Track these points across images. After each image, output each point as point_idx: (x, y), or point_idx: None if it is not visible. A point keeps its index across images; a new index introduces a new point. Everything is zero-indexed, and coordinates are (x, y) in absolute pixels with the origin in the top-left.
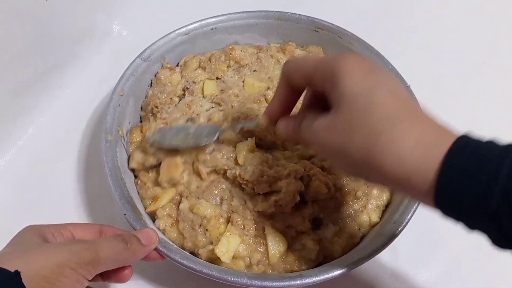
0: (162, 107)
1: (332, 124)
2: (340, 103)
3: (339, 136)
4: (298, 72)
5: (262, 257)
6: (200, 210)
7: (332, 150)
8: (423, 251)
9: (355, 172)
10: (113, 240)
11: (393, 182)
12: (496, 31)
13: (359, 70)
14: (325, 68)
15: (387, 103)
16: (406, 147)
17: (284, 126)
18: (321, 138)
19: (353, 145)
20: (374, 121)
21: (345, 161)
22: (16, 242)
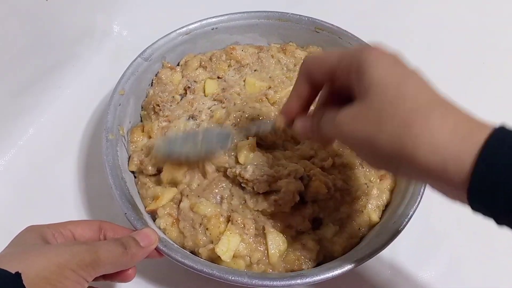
0: (164, 105)
1: (359, 114)
2: (368, 93)
3: (368, 126)
4: (321, 67)
5: (262, 256)
6: (201, 209)
7: (359, 141)
8: (423, 251)
9: (383, 164)
10: (112, 244)
11: (426, 173)
12: (496, 31)
13: (386, 60)
14: (350, 60)
15: (418, 92)
16: (441, 136)
17: (302, 125)
18: (347, 129)
19: (383, 135)
20: (406, 110)
21: (373, 152)
22: (16, 243)
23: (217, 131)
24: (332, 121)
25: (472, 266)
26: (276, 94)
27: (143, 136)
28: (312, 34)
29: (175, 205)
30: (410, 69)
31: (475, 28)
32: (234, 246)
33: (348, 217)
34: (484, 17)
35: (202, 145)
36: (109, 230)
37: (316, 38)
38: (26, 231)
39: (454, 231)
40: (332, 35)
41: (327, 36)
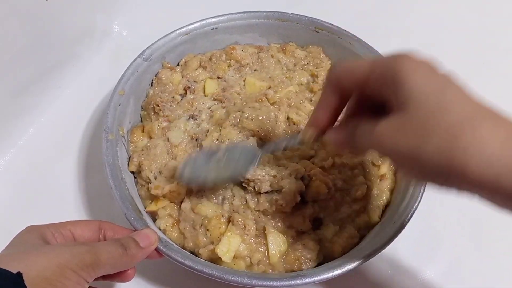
0: (164, 105)
1: (401, 126)
2: (407, 104)
3: (411, 139)
4: (351, 76)
5: (263, 257)
6: (202, 210)
7: (403, 154)
8: (423, 251)
9: (430, 177)
10: (112, 245)
11: (477, 185)
12: (496, 31)
13: (423, 69)
14: (384, 69)
15: (462, 102)
16: (494, 147)
17: (334, 136)
18: (388, 142)
19: (429, 147)
20: (451, 121)
21: (419, 165)
22: (16, 243)
23: (240, 148)
24: (370, 133)
25: (473, 266)
26: (276, 94)
27: (143, 137)
28: (312, 34)
29: (176, 206)
30: (448, 77)
31: (475, 28)
32: (234, 247)
33: (348, 217)
34: (484, 17)
35: (225, 165)
36: (109, 230)
37: (316, 38)
38: (26, 231)
39: (454, 231)
40: (332, 35)
41: (327, 36)
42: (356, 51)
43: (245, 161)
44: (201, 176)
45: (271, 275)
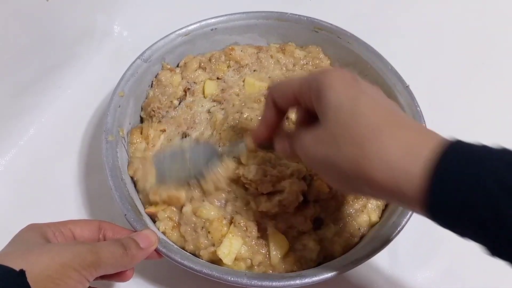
0: (159, 112)
1: (319, 137)
2: (325, 115)
3: (326, 148)
4: (283, 93)
5: (264, 258)
6: (204, 213)
7: (322, 163)
8: (422, 251)
9: (346, 185)
10: (112, 245)
11: (384, 192)
12: (496, 31)
13: (342, 82)
14: (310, 84)
15: (370, 111)
16: (393, 153)
17: (281, 146)
18: (310, 152)
19: (341, 156)
20: (359, 130)
21: (335, 174)
22: (17, 241)
23: (202, 148)
24: (299, 142)
25: (472, 266)
26: None
27: (142, 139)
28: (311, 33)
29: (176, 209)
30: (365, 87)
31: (475, 28)
32: (236, 249)
33: (349, 217)
34: (484, 17)
35: (190, 165)
36: (109, 230)
37: (315, 38)
38: (27, 229)
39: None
40: (331, 34)
41: (326, 36)
42: (355, 50)
43: (204, 159)
44: (166, 176)
45: (270, 275)
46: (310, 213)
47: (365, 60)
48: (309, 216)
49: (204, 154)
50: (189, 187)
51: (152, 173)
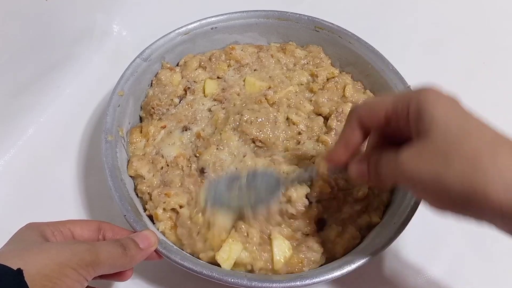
0: (159, 109)
1: (423, 152)
2: (430, 131)
3: (433, 164)
4: (374, 115)
5: (266, 264)
6: (200, 220)
7: (424, 180)
8: (423, 252)
9: (450, 204)
10: (111, 245)
11: (498, 212)
12: (496, 31)
13: (446, 101)
14: (407, 102)
15: (482, 130)
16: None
17: (357, 169)
18: (410, 169)
19: (451, 172)
20: (472, 147)
21: (441, 193)
22: (16, 240)
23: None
24: (393, 162)
25: (473, 266)
26: (276, 95)
27: (142, 137)
28: (311, 33)
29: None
30: (467, 110)
31: (476, 28)
32: (235, 254)
33: (350, 218)
34: (484, 17)
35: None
36: (108, 230)
37: (316, 37)
38: (26, 228)
39: (455, 231)
40: (332, 34)
41: (327, 35)
42: (356, 50)
43: (266, 191)
44: (224, 204)
45: (270, 276)
46: (314, 214)
47: (366, 60)
48: (313, 217)
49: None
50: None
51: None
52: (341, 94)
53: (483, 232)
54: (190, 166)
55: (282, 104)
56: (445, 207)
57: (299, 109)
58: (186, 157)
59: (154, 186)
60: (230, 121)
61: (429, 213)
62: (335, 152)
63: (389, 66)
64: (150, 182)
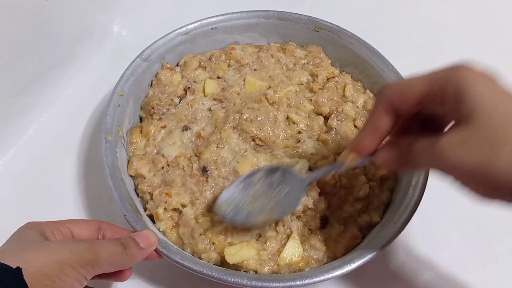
0: (159, 109)
1: (468, 139)
2: (473, 116)
3: (480, 152)
4: (407, 96)
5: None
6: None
7: (471, 169)
8: (423, 252)
9: (498, 193)
10: (112, 244)
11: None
12: (496, 31)
13: (486, 80)
14: (444, 84)
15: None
16: None
17: (386, 155)
18: (453, 157)
19: (501, 160)
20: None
21: (490, 182)
22: (16, 238)
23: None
24: (430, 149)
25: (473, 266)
26: (276, 94)
27: (142, 137)
28: (311, 33)
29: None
30: (506, 88)
31: (476, 28)
32: (245, 257)
33: (351, 217)
34: (484, 17)
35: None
36: (108, 230)
37: (315, 37)
38: (25, 227)
39: (454, 231)
40: (332, 34)
41: (327, 35)
42: (356, 50)
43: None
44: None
45: (270, 276)
46: (321, 208)
47: (366, 60)
48: (320, 211)
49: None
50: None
51: None
52: (341, 94)
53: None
54: (191, 166)
55: (282, 103)
56: (493, 196)
57: (299, 109)
58: (187, 156)
59: (155, 186)
60: (230, 120)
61: (429, 213)
62: (362, 142)
63: (389, 66)
64: (150, 182)
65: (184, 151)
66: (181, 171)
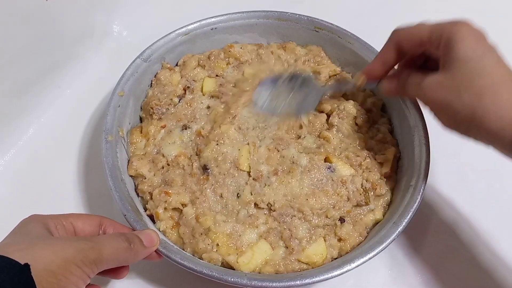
0: (158, 109)
1: (443, 83)
2: (452, 65)
3: (448, 94)
4: (412, 39)
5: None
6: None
7: (440, 105)
8: (423, 252)
9: (456, 125)
10: (117, 239)
11: (489, 136)
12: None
13: (472, 37)
14: (441, 33)
15: (494, 68)
16: (506, 107)
17: (388, 84)
18: (430, 94)
19: (461, 102)
20: (481, 83)
21: (450, 116)
22: (20, 232)
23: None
24: (418, 85)
25: (473, 267)
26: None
27: (142, 137)
28: (311, 33)
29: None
30: (491, 47)
31: None
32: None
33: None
34: (484, 17)
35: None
36: (109, 226)
37: (315, 38)
38: (30, 220)
39: (454, 232)
40: (331, 34)
41: (327, 36)
42: (356, 50)
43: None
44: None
45: (270, 276)
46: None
47: (366, 60)
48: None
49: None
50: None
51: None
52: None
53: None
54: (192, 165)
55: None
56: (452, 127)
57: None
58: (187, 156)
59: (155, 186)
60: (232, 110)
61: (429, 214)
62: (372, 68)
63: None
64: (151, 182)
65: (184, 150)
66: (181, 171)
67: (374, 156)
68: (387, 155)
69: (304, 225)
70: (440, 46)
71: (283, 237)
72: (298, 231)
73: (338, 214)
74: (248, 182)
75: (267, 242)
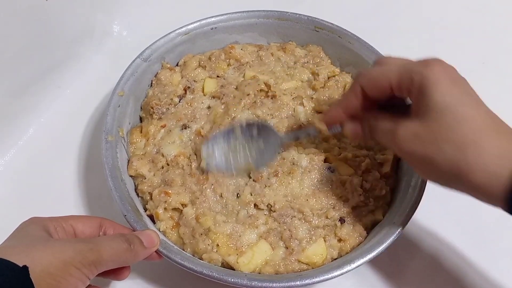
0: (158, 108)
1: (419, 134)
2: (428, 113)
3: (427, 147)
4: (378, 85)
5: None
6: (207, 222)
7: (418, 158)
8: (423, 252)
9: (437, 178)
10: (116, 240)
11: (474, 190)
12: (496, 31)
13: (447, 80)
14: (411, 77)
15: (475, 116)
16: (490, 160)
17: (352, 128)
18: (407, 147)
19: (442, 156)
20: (463, 134)
21: (431, 169)
22: (20, 234)
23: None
24: (391, 133)
25: (473, 267)
26: (278, 86)
27: (142, 137)
28: (311, 33)
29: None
30: (468, 88)
31: (475, 28)
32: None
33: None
34: (484, 17)
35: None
36: (110, 227)
37: (315, 37)
38: (29, 222)
39: (454, 232)
40: (331, 34)
41: (327, 35)
42: (356, 50)
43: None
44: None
45: (270, 276)
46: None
47: (366, 60)
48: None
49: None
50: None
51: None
52: (341, 93)
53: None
54: (191, 165)
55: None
56: (431, 179)
57: (301, 104)
58: (186, 155)
59: (155, 186)
60: (231, 112)
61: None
62: (332, 114)
63: None
64: (151, 182)
65: (184, 150)
66: (181, 170)
67: (374, 156)
68: (387, 155)
69: (304, 225)
70: (411, 92)
71: (283, 238)
72: (298, 232)
73: (338, 215)
74: (248, 183)
75: (267, 242)
